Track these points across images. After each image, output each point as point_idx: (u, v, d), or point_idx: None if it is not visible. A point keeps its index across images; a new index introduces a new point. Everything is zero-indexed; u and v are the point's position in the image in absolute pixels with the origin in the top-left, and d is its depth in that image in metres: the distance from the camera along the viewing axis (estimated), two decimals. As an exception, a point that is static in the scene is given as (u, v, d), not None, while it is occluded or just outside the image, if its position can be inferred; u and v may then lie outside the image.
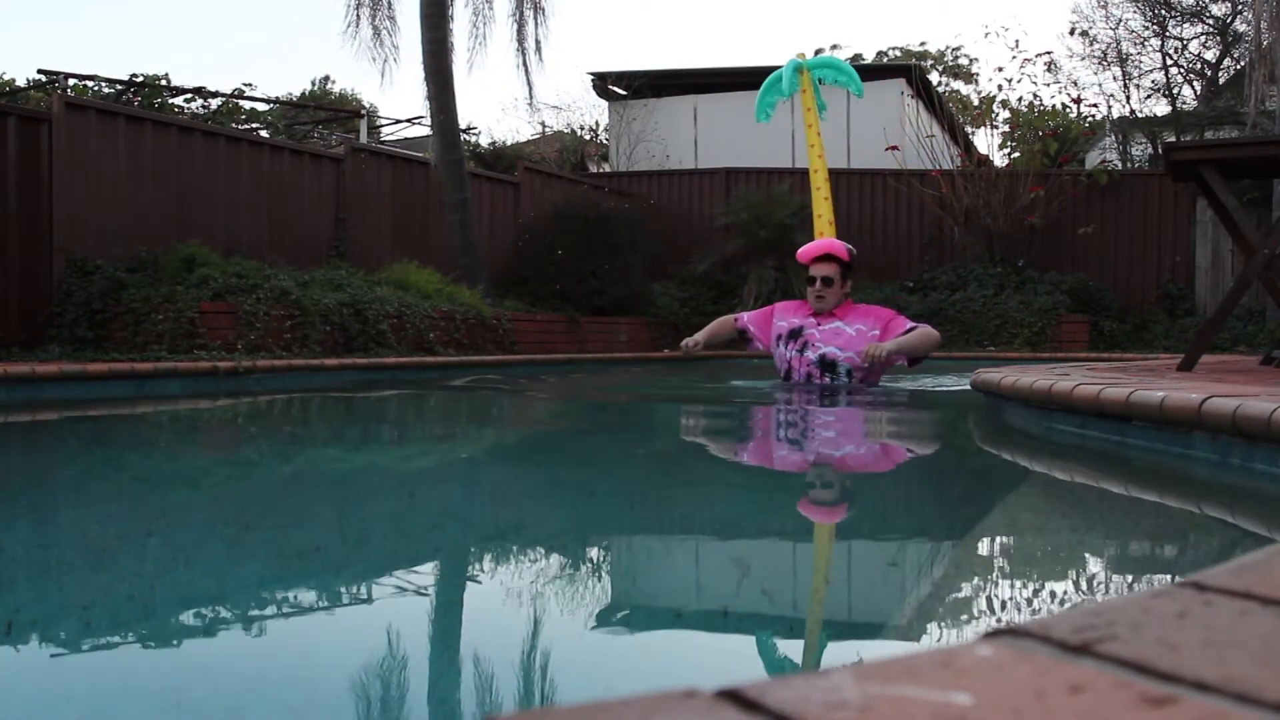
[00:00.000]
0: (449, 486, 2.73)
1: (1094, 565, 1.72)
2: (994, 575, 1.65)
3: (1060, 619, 0.60)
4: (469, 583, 1.63)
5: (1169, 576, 1.58)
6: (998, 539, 1.95)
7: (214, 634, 1.27)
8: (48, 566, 1.60)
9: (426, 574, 1.67)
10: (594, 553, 1.87)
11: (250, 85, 13.61)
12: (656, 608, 1.47)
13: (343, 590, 1.50)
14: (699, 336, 5.51)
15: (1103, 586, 1.54)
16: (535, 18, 12.23)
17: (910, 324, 5.15)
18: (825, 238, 6.53)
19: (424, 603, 1.46)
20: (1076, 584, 1.56)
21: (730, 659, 1.20)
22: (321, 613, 1.39)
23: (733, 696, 0.49)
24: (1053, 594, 1.48)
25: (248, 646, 1.21)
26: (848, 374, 5.17)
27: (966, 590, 1.54)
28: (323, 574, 1.56)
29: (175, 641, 1.25)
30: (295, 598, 1.46)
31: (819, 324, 5.29)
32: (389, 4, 11.69)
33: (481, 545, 1.89)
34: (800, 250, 5.50)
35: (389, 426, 4.72)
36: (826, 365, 5.19)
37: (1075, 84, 17.09)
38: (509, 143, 17.21)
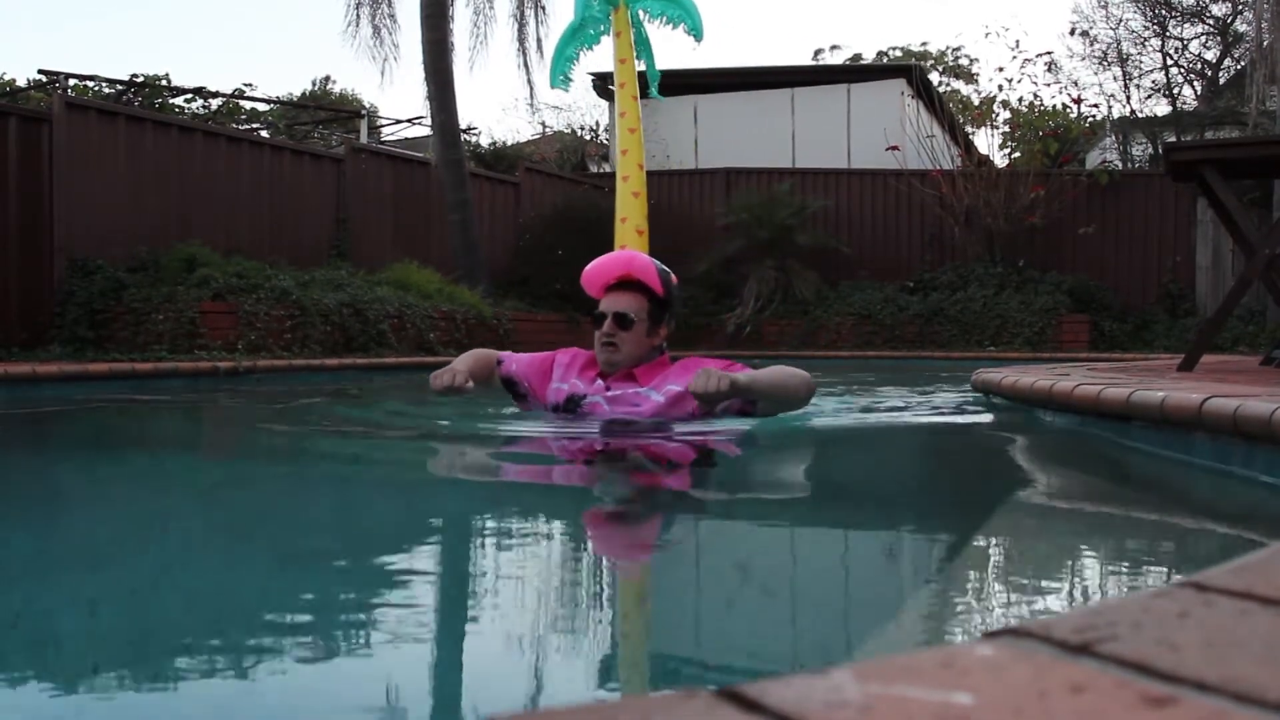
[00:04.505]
0: None
1: (1094, 566, 1.72)
2: (994, 576, 1.64)
3: (1061, 619, 0.60)
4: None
5: (1169, 576, 1.58)
6: (998, 540, 1.95)
7: None
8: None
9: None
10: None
11: (250, 85, 13.63)
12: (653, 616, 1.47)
13: None
14: (463, 366, 3.41)
15: (1103, 587, 1.54)
16: (536, 16, 12.26)
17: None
18: (627, 250, 3.91)
19: None
20: (1077, 584, 1.56)
21: (728, 661, 1.20)
22: None
23: (733, 696, 0.49)
24: (1054, 594, 1.48)
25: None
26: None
27: (967, 590, 1.54)
28: None
29: None
30: None
31: (609, 389, 3.38)
32: (389, 1, 11.73)
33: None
34: (586, 270, 3.48)
35: None
36: None
37: (1075, 84, 17.14)
38: (509, 143, 17.22)
